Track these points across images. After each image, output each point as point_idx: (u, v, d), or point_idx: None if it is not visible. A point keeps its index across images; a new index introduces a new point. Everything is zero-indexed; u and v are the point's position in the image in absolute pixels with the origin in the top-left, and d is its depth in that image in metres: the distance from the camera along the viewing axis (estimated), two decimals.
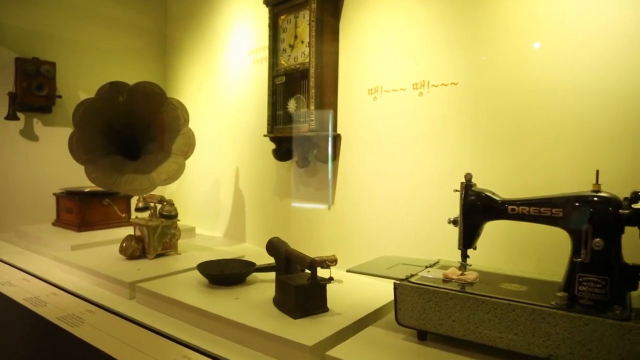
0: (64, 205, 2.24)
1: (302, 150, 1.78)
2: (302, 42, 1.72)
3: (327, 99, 1.69)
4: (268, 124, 1.83)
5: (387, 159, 1.58)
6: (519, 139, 1.27)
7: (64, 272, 1.62)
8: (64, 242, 1.92)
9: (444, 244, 1.42)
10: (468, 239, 1.02)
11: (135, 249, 1.61)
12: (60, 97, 2.37)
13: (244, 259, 1.60)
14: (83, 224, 2.14)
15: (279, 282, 1.18)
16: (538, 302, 0.87)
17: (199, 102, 2.50)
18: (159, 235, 1.65)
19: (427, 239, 1.46)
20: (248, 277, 1.41)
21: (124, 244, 1.63)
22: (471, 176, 1.04)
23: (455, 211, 1.03)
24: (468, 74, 1.37)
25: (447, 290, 0.96)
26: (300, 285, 1.10)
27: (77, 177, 2.49)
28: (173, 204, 1.66)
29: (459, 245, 1.04)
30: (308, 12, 1.67)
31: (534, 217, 0.93)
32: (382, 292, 1.31)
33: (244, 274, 1.38)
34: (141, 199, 1.75)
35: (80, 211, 2.14)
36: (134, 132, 2.23)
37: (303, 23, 1.71)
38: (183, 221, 2.58)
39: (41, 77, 2.28)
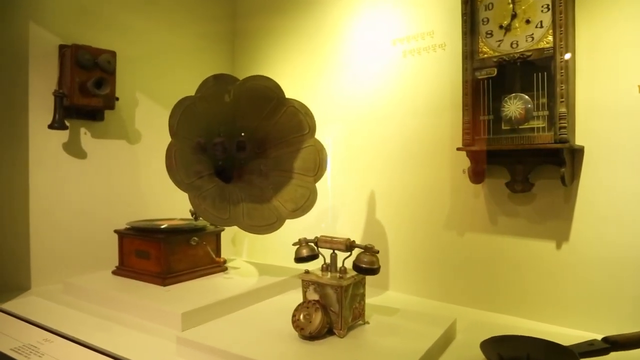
0: (132, 247, 1.61)
1: (522, 169, 1.30)
2: (528, 21, 1.25)
3: (571, 99, 1.23)
4: (466, 134, 1.33)
5: None
6: None
7: None
8: (161, 307, 1.30)
9: None
10: None
11: (324, 324, 1.05)
12: (117, 99, 1.74)
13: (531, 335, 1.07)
14: (169, 275, 1.53)
15: None
16: None
17: None
18: (349, 300, 1.10)
19: None
20: None
21: (302, 316, 1.07)
22: None
23: None
24: None
25: None
26: None
27: (139, 208, 1.86)
28: (377, 251, 1.11)
29: None
30: None
31: None
32: None
33: None
34: (304, 243, 1.19)
35: (164, 256, 1.52)
36: (235, 143, 1.66)
37: None
38: (271, 260, 2.00)
39: (99, 71, 1.65)
